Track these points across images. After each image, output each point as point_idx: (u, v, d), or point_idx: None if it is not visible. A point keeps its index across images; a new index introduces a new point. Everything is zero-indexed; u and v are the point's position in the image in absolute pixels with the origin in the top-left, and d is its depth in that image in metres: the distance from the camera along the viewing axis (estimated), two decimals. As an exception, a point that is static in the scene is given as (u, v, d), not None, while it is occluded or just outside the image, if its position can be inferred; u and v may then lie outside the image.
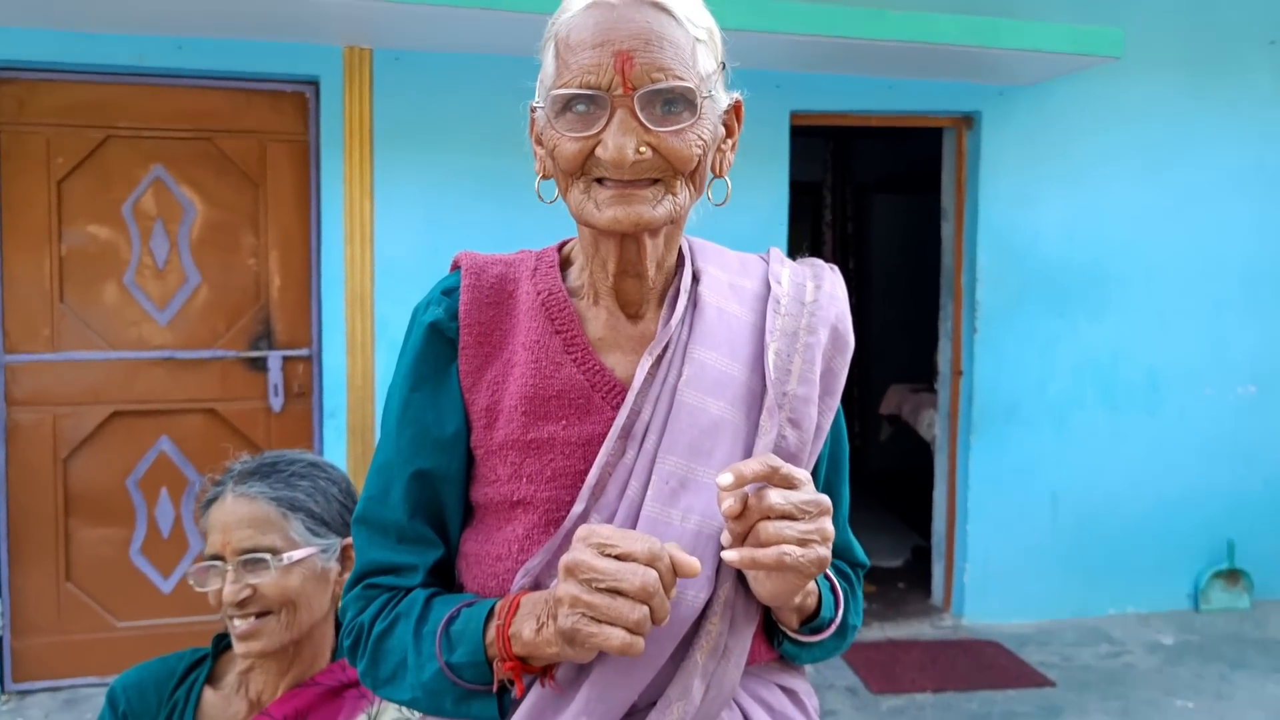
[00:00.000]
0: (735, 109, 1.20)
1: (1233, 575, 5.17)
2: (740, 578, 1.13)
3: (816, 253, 8.23)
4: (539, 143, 1.16)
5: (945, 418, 5.11)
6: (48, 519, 4.07)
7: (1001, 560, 4.96)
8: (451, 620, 1.11)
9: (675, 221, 1.14)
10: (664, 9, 1.08)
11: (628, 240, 1.13)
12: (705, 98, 1.09)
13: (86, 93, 4.01)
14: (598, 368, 1.16)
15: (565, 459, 1.14)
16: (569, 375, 1.16)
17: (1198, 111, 4.99)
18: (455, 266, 1.25)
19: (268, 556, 1.59)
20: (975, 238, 4.85)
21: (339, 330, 4.18)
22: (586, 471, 1.13)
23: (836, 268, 1.30)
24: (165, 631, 4.16)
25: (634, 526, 1.10)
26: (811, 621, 1.19)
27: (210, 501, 1.63)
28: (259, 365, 4.20)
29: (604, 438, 1.14)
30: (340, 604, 1.24)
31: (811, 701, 1.27)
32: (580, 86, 1.06)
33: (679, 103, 1.07)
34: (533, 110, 1.16)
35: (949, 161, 5.03)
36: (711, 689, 1.11)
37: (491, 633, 1.08)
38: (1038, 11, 4.71)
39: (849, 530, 1.33)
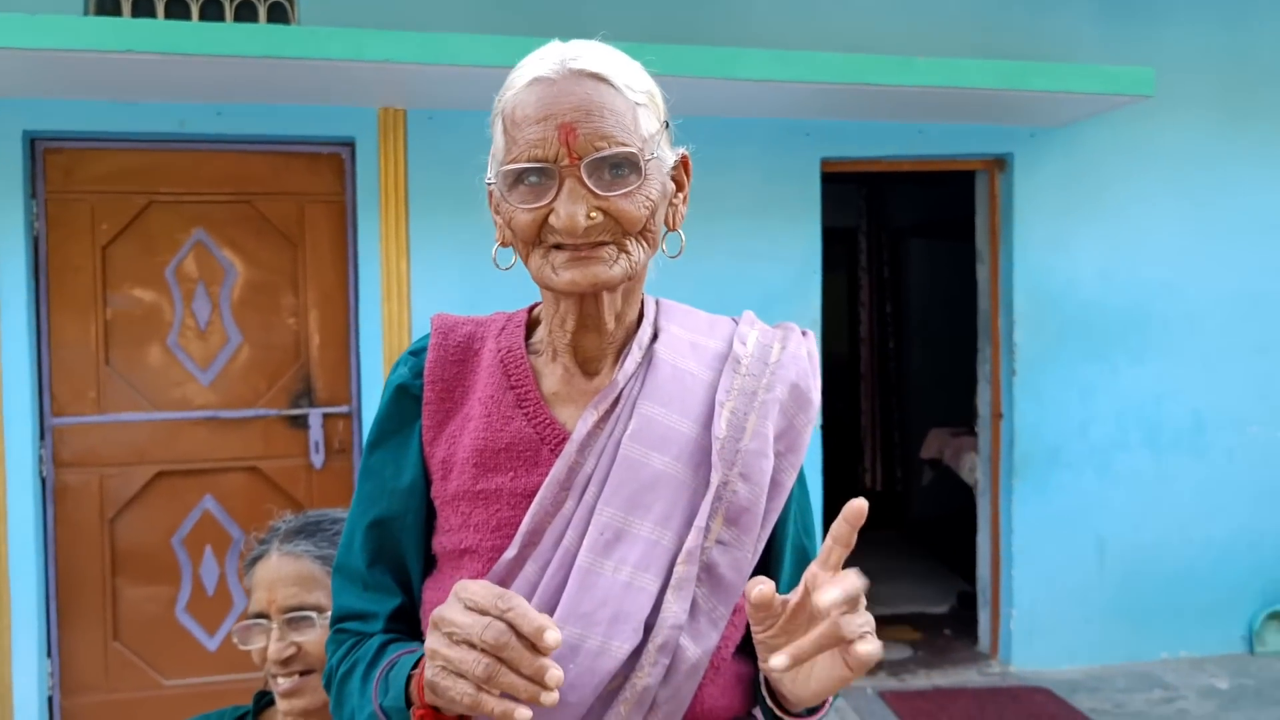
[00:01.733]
0: (683, 163, 1.24)
1: (1288, 617, 5.06)
2: (691, 633, 1.12)
3: (853, 299, 8.25)
4: (497, 212, 1.21)
5: (986, 461, 5.06)
6: (95, 579, 4.13)
7: (1049, 605, 4.88)
8: (391, 665, 1.14)
9: (632, 278, 1.17)
10: (602, 79, 1.12)
11: (587, 298, 1.17)
12: (649, 159, 1.13)
13: (130, 160, 4.11)
14: (548, 421, 1.20)
15: (510, 509, 1.17)
16: (518, 428, 1.20)
17: (1233, 149, 4.96)
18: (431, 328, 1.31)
19: (314, 614, 1.60)
20: (1011, 281, 4.83)
21: (378, 387, 4.22)
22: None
23: (810, 333, 1.32)
24: (211, 689, 4.18)
25: (568, 576, 1.12)
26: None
27: (255, 560, 1.66)
28: (300, 423, 4.25)
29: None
30: None
31: None
32: (529, 160, 1.10)
33: (624, 167, 1.11)
34: (489, 184, 1.19)
35: (982, 205, 5.02)
36: None
37: (412, 680, 1.09)
38: (1067, 53, 4.72)
39: None
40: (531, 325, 1.30)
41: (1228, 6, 4.93)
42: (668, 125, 1.20)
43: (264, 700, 1.75)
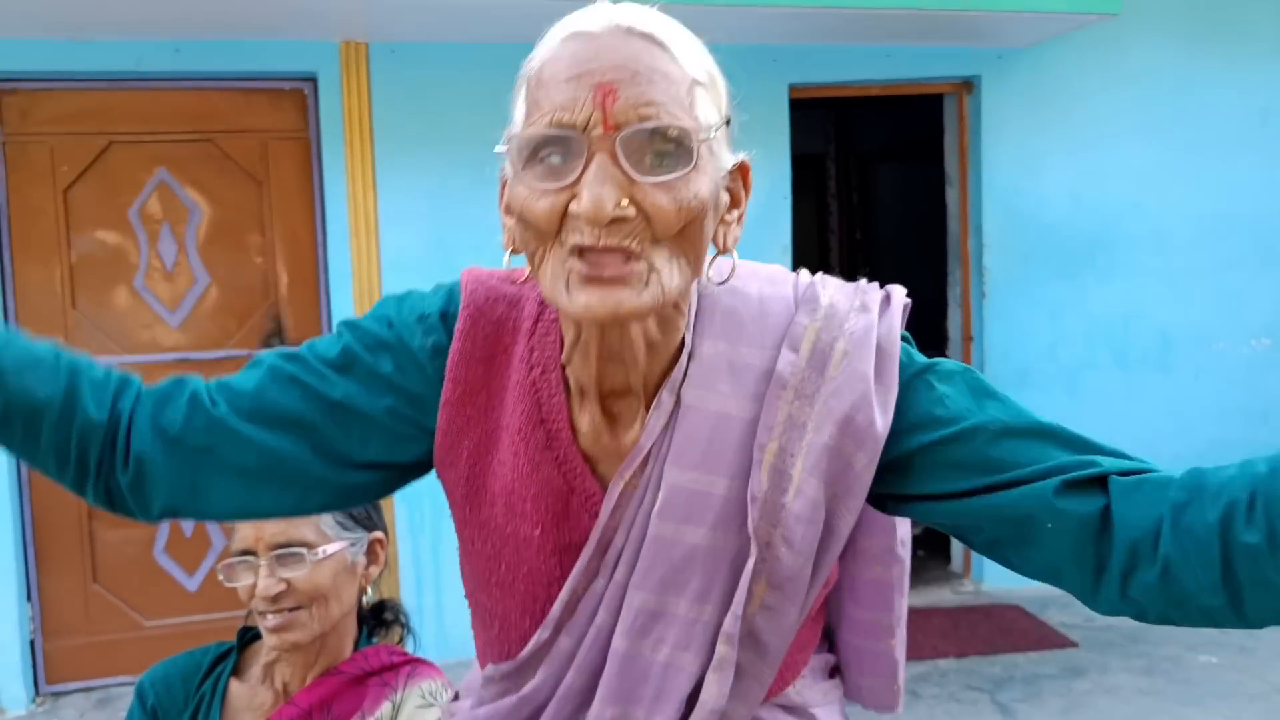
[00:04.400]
0: (742, 173, 1.01)
1: (1252, 529, 5.17)
2: (735, 697, 1.06)
3: (823, 226, 8.24)
4: (508, 211, 0.99)
5: (958, 385, 5.11)
6: (72, 524, 4.13)
7: (1019, 524, 4.96)
8: None
9: (660, 308, 0.94)
10: (656, 41, 0.91)
11: (609, 327, 0.96)
12: (704, 141, 0.91)
13: (87, 100, 4.05)
14: (578, 471, 1.05)
15: (540, 560, 1.07)
16: (548, 476, 1.05)
17: (1200, 68, 4.96)
18: (461, 289, 1.11)
19: (303, 550, 1.61)
20: (980, 204, 4.84)
21: (349, 324, 4.21)
22: (559, 577, 1.06)
23: (897, 299, 1.09)
24: (193, 628, 4.21)
25: (603, 656, 1.05)
26: None
27: None
28: (272, 362, 4.24)
29: (578, 547, 1.05)
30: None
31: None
32: (551, 125, 0.88)
33: (671, 149, 0.89)
34: (502, 177, 1.00)
35: (951, 127, 5.02)
36: None
37: None
38: (1034, -28, 4.69)
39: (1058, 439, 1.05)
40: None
41: (1194, -78, 4.91)
42: (729, 122, 0.98)
43: (248, 636, 1.77)
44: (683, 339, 1.03)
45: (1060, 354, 4.94)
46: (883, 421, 1.00)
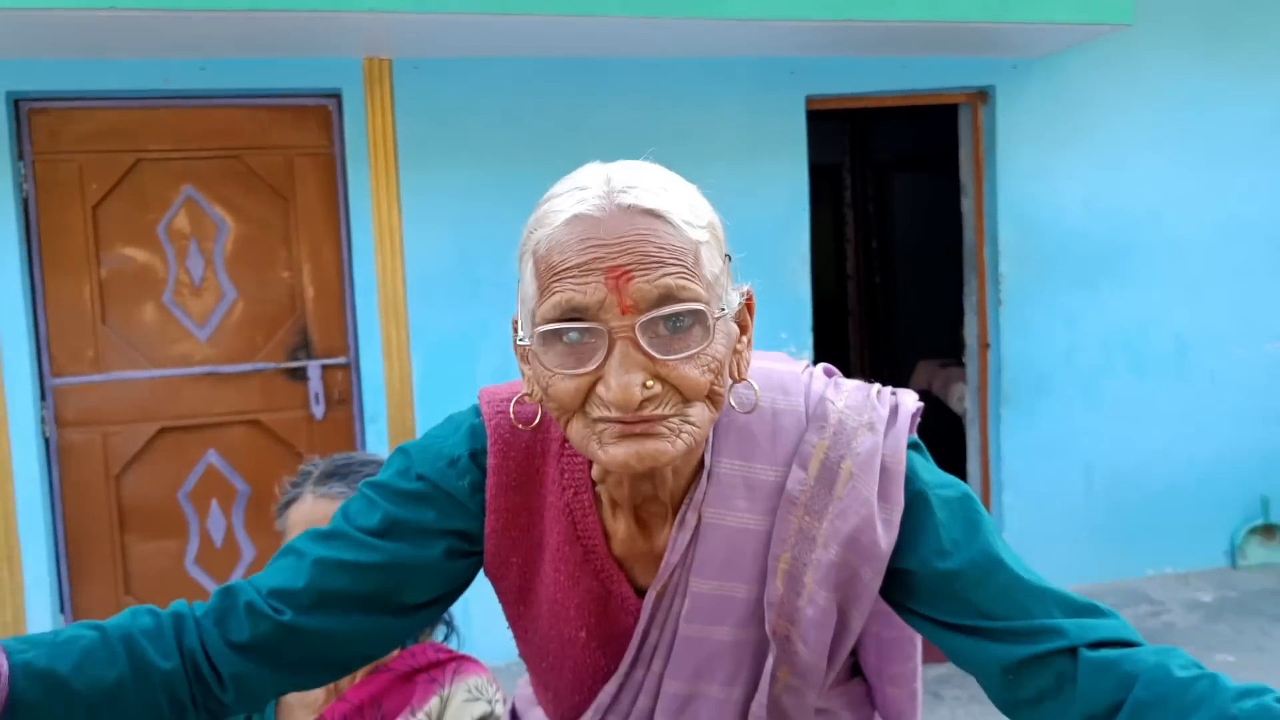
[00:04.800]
0: (747, 303, 1.06)
1: (1268, 530, 5.20)
2: None
3: (839, 235, 8.29)
4: (524, 361, 1.04)
5: (975, 391, 5.15)
6: (104, 535, 4.19)
7: (1039, 528, 5.00)
8: None
9: (693, 449, 1.01)
10: (659, 216, 0.94)
11: (641, 475, 1.03)
12: (719, 316, 0.96)
13: (115, 118, 4.12)
14: (614, 578, 1.14)
15: (587, 656, 1.16)
16: (588, 586, 1.14)
17: (1213, 75, 5.00)
18: (483, 422, 1.15)
19: None
20: (995, 212, 4.89)
21: (375, 337, 4.27)
22: (604, 667, 1.16)
23: (904, 410, 1.14)
24: (222, 639, 4.28)
25: None
26: None
27: (289, 502, 1.73)
28: (299, 375, 4.30)
29: (618, 638, 1.15)
30: None
31: None
32: (568, 318, 0.93)
33: (687, 321, 0.94)
34: (514, 323, 1.04)
35: (966, 137, 5.06)
36: None
37: None
38: (1047, -17, 4.74)
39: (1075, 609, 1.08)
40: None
41: (1205, -69, 4.96)
42: (729, 258, 1.02)
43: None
44: (703, 457, 1.10)
45: (1077, 361, 4.99)
46: (887, 541, 1.07)
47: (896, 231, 8.10)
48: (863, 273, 8.29)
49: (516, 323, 1.03)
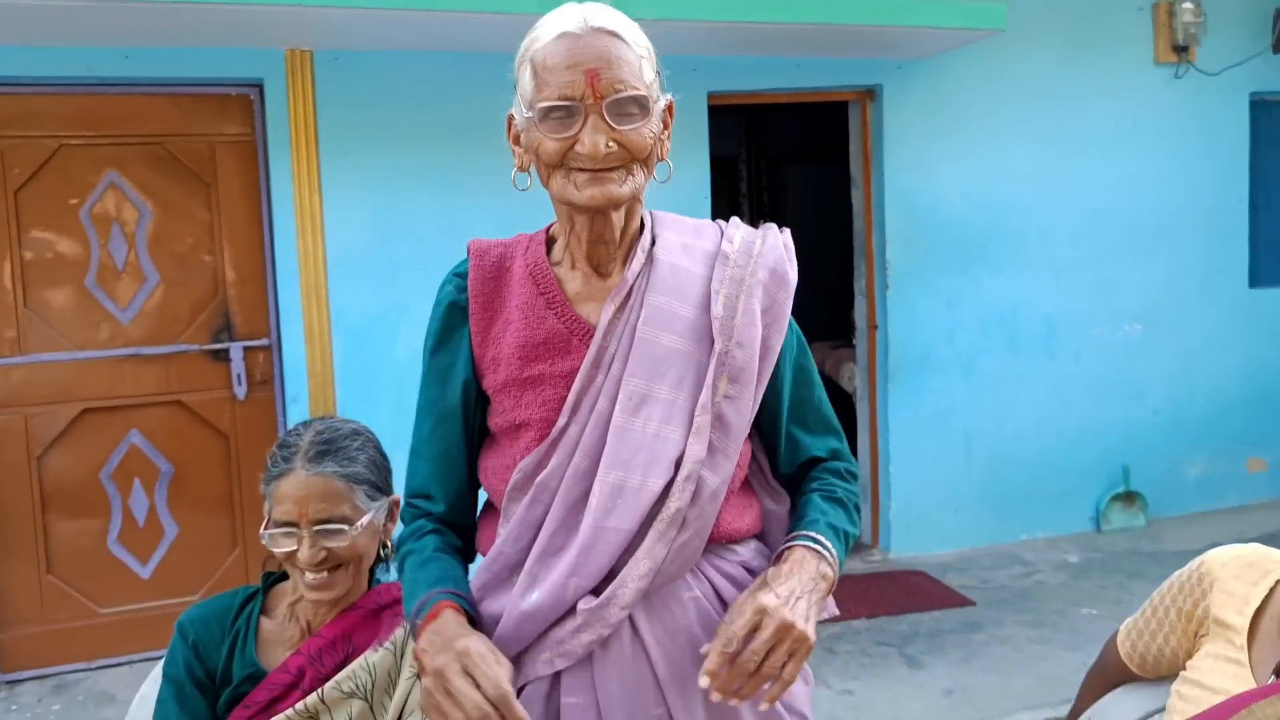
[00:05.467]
0: (669, 108, 1.50)
1: (1129, 498, 5.67)
2: (709, 466, 1.44)
3: (734, 223, 8.61)
4: (516, 142, 1.46)
5: (864, 370, 5.50)
6: (26, 515, 4.25)
7: (923, 498, 5.38)
8: (420, 602, 1.45)
9: (635, 198, 1.44)
10: (617, 35, 1.38)
11: (598, 215, 1.43)
12: (654, 102, 1.40)
13: (38, 104, 4.18)
14: (574, 317, 1.47)
15: (553, 388, 1.47)
16: (552, 325, 1.47)
17: (1077, 78, 5.45)
18: (468, 252, 1.57)
19: (344, 527, 1.86)
20: (883, 203, 5.23)
21: (296, 320, 4.41)
22: (566, 396, 1.46)
23: (786, 229, 1.61)
24: (146, 615, 4.38)
25: (604, 435, 1.43)
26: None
27: (278, 475, 1.88)
28: (221, 357, 4.42)
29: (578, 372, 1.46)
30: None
31: None
32: (560, 99, 1.35)
33: (635, 106, 1.37)
34: (510, 117, 1.46)
35: (855, 132, 5.40)
36: (672, 552, 1.42)
37: (415, 622, 1.43)
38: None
39: (835, 433, 1.64)
40: (550, 242, 1.56)
41: (1071, -56, 5.37)
42: (659, 74, 1.46)
43: (271, 579, 2.01)
44: (641, 224, 1.52)
45: (957, 340, 5.37)
46: (793, 274, 1.54)
47: (790, 221, 8.40)
48: (758, 260, 8.62)
49: (512, 117, 1.46)
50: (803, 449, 1.60)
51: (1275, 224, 6.08)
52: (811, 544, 1.44)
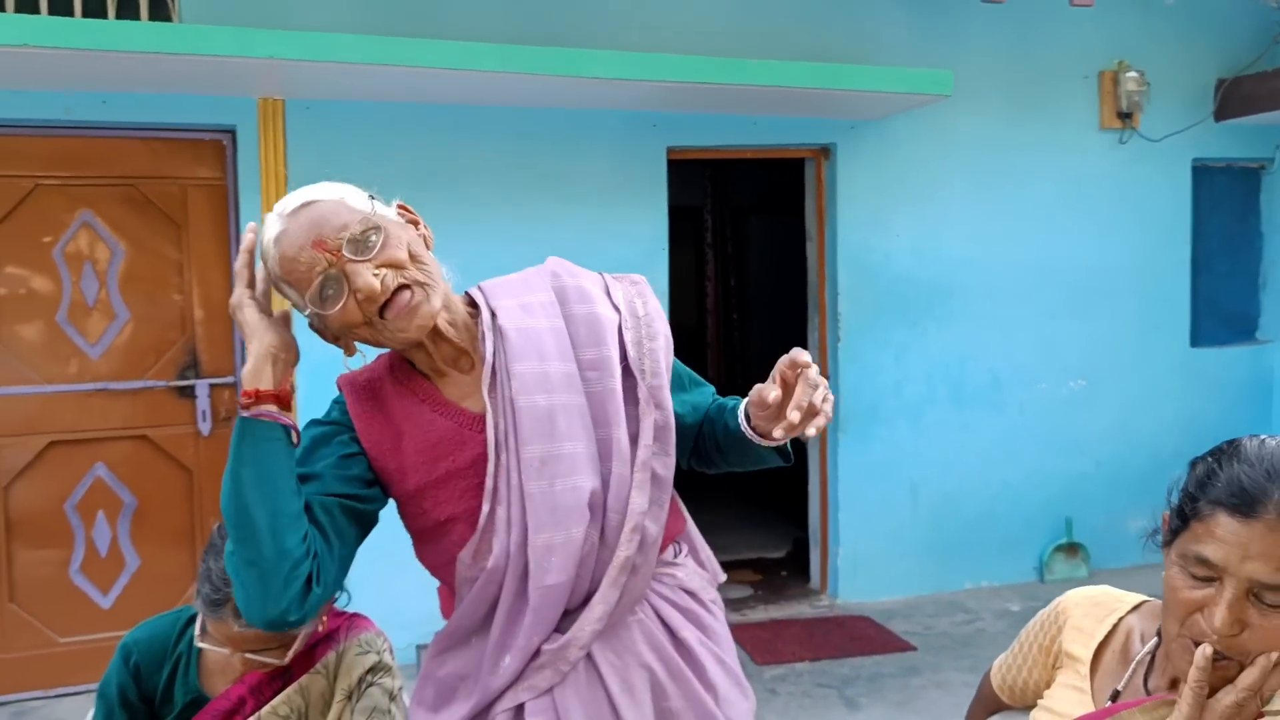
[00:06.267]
0: (401, 208, 1.61)
1: (1072, 549, 5.83)
2: (650, 517, 1.60)
3: (700, 273, 8.80)
4: (324, 336, 1.58)
5: (816, 419, 5.64)
6: (-12, 544, 4.34)
7: (870, 545, 5.53)
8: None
9: (443, 298, 1.54)
10: (310, 203, 1.49)
11: (429, 335, 1.55)
12: (382, 217, 1.51)
13: (16, 145, 4.32)
14: (459, 412, 1.60)
15: (464, 480, 1.58)
16: (443, 426, 1.59)
17: (1020, 140, 5.67)
18: (338, 387, 1.68)
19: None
20: (835, 257, 5.42)
21: (261, 358, 4.52)
22: (483, 482, 1.57)
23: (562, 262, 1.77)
24: (106, 645, 4.43)
25: (522, 504, 1.54)
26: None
27: (214, 618, 1.97)
28: (187, 393, 4.54)
29: (484, 455, 1.56)
30: None
31: (709, 594, 1.78)
32: (317, 276, 1.45)
33: (368, 234, 1.46)
34: (313, 328, 1.58)
35: (810, 189, 5.59)
36: (624, 595, 1.60)
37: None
38: (881, 55, 5.33)
39: (707, 383, 1.86)
40: (408, 357, 1.67)
41: (1018, 11, 5.59)
42: (373, 198, 1.57)
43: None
44: (473, 305, 1.64)
45: (904, 391, 5.55)
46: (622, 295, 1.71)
47: (751, 270, 8.62)
48: (721, 308, 8.81)
49: (311, 323, 1.56)
50: (699, 406, 1.78)
51: (1216, 286, 6.29)
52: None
